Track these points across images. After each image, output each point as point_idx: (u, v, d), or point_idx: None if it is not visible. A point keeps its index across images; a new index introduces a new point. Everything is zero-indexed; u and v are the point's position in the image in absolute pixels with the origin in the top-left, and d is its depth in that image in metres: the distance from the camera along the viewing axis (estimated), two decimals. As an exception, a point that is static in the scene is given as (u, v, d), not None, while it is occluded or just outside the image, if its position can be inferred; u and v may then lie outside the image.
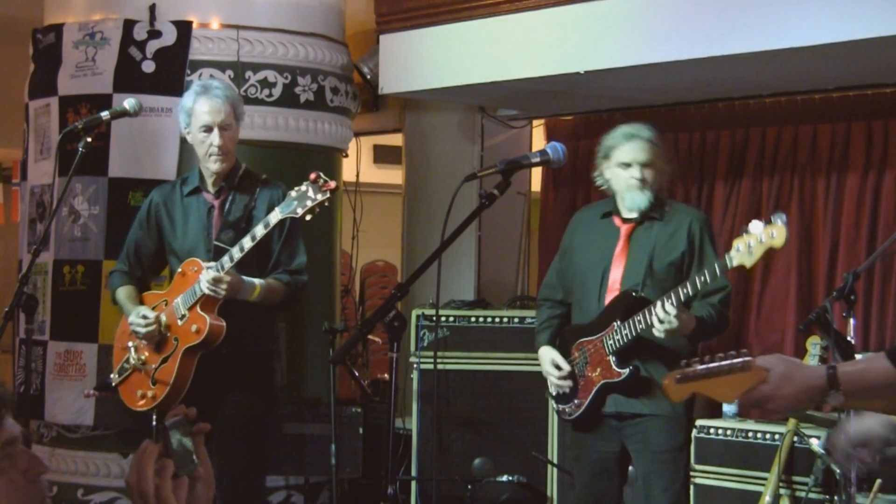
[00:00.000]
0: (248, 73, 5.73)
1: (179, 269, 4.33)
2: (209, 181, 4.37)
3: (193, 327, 4.19)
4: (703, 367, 2.29)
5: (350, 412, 5.76)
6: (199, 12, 5.75)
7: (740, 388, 2.27)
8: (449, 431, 5.81)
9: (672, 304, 3.84)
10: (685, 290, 3.83)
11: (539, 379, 5.69)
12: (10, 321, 4.22)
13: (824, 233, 5.77)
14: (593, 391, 4.11)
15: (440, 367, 5.78)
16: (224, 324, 4.19)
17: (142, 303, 4.44)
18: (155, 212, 4.48)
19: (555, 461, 5.65)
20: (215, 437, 4.23)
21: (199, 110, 4.30)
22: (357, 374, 6.56)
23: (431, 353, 5.77)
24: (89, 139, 4.27)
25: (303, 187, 3.87)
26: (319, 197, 3.83)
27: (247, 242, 4.05)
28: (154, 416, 4.68)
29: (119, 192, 5.64)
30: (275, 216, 3.97)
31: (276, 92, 5.72)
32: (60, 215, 5.66)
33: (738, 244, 3.68)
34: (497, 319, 5.85)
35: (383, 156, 8.90)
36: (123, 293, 4.48)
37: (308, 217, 3.92)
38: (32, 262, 4.34)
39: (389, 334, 4.98)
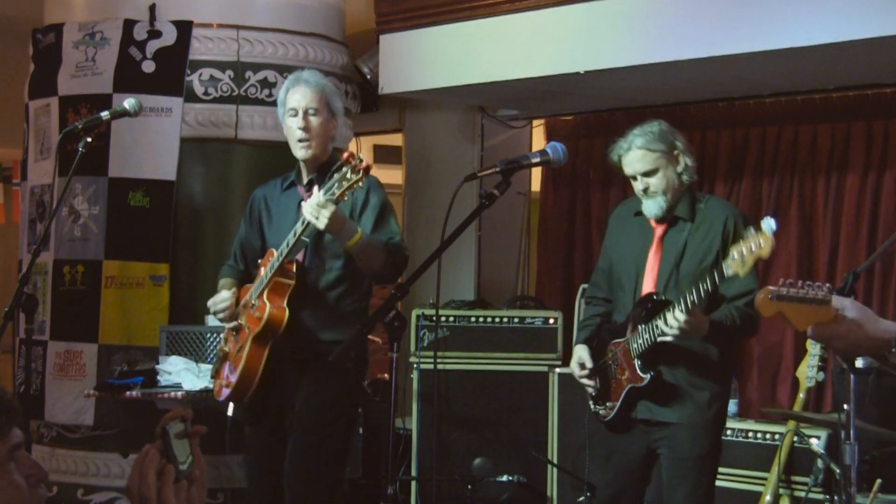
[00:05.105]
0: (248, 73, 5.74)
1: (260, 261, 4.28)
2: (303, 173, 4.30)
3: (256, 314, 4.13)
4: (795, 290, 2.38)
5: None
6: (199, 12, 5.75)
7: (814, 319, 2.37)
8: (449, 431, 5.82)
9: (681, 310, 3.81)
10: (692, 297, 3.80)
11: (539, 379, 5.73)
12: (10, 321, 4.22)
13: (824, 233, 5.77)
14: (622, 395, 4.10)
15: (440, 367, 5.78)
16: (286, 311, 4.09)
17: (239, 295, 4.35)
18: (257, 207, 4.41)
19: (555, 461, 5.65)
20: (291, 437, 4.18)
21: (288, 97, 4.25)
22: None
23: (431, 353, 5.77)
24: (89, 139, 4.26)
25: (343, 169, 3.81)
26: (354, 178, 3.78)
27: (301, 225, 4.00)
28: (231, 406, 4.62)
29: (119, 192, 5.64)
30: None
31: (277, 92, 5.72)
32: (60, 215, 5.66)
33: (734, 251, 3.63)
34: (497, 319, 5.85)
35: (383, 156, 8.90)
36: (220, 283, 4.40)
37: (345, 198, 3.86)
38: (32, 262, 4.34)
39: (389, 334, 4.98)
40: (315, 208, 3.88)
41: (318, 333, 4.18)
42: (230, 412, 4.86)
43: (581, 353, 4.27)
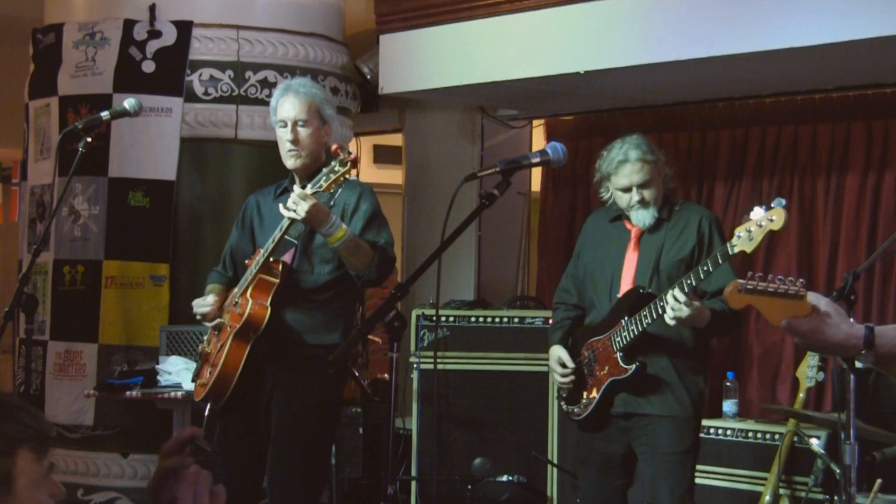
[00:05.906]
0: (248, 73, 5.74)
1: (247, 261, 4.22)
2: (297, 180, 4.22)
3: (238, 310, 4.07)
4: (765, 284, 2.39)
5: (350, 412, 5.77)
6: (199, 12, 5.75)
7: (787, 313, 2.39)
8: (449, 431, 5.81)
9: (682, 291, 3.83)
10: (689, 281, 3.84)
11: (539, 379, 5.73)
12: (10, 321, 4.22)
13: (824, 233, 5.77)
14: (601, 389, 4.11)
15: (440, 367, 5.78)
16: (268, 309, 4.02)
17: (225, 296, 4.31)
18: (249, 213, 4.36)
19: (555, 461, 5.65)
20: (271, 445, 4.10)
21: (278, 107, 4.21)
22: (357, 374, 6.56)
23: (431, 353, 5.77)
24: (89, 139, 4.26)
25: (330, 162, 3.84)
26: (341, 169, 3.80)
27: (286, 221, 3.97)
28: (207, 407, 4.57)
29: (119, 192, 5.65)
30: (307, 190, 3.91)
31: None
32: (60, 215, 5.66)
33: (739, 231, 3.69)
34: (497, 319, 5.85)
35: (383, 156, 8.91)
36: (208, 288, 4.35)
37: (332, 189, 3.86)
38: (32, 262, 4.34)
39: (389, 334, 4.98)
40: (295, 200, 3.88)
41: (302, 336, 4.13)
42: (207, 412, 4.83)
43: (559, 352, 4.29)
